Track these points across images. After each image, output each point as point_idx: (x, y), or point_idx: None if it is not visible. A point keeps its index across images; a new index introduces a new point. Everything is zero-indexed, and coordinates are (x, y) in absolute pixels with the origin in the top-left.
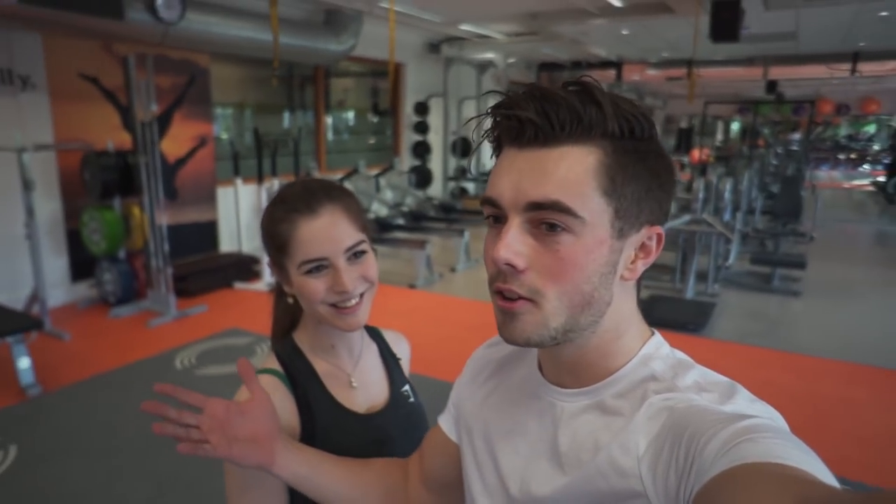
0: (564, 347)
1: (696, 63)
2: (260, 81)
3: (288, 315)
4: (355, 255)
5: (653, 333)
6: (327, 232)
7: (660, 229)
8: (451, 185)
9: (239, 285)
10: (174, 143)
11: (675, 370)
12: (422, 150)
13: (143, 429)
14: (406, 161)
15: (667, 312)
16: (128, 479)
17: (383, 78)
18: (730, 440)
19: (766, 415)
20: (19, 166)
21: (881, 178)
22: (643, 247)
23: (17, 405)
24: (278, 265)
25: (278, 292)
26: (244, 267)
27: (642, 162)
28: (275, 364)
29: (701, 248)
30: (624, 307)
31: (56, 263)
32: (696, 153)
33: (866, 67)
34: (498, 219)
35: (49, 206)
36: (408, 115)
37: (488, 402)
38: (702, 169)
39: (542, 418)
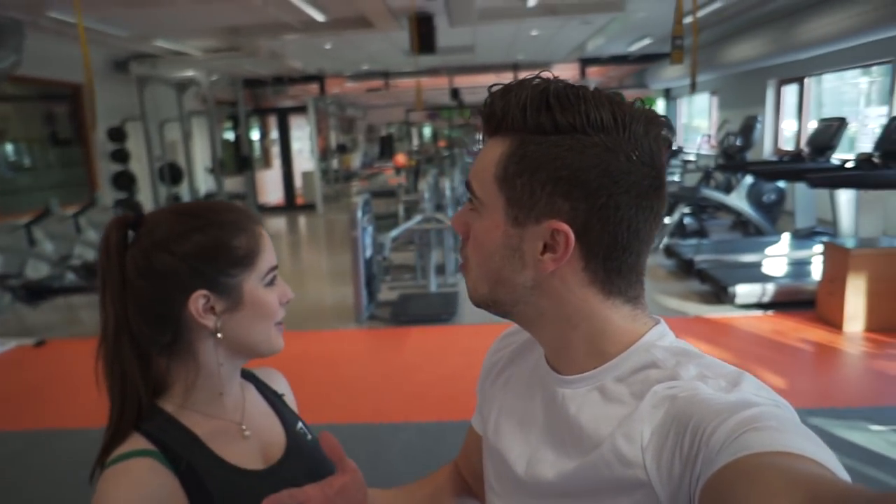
0: (533, 330)
1: (393, 74)
2: None
3: (150, 381)
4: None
5: (657, 323)
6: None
7: (565, 226)
8: None
9: None
10: None
11: (678, 358)
12: (125, 180)
13: None
14: (109, 195)
15: (418, 308)
16: None
17: (58, 101)
18: (735, 429)
19: (773, 402)
20: None
21: None
22: (551, 242)
23: None
24: (222, 290)
25: (132, 357)
26: None
27: (543, 156)
28: (143, 443)
29: (436, 244)
30: (570, 299)
31: None
32: (399, 157)
33: (523, 76)
34: None
35: None
36: (101, 142)
37: (501, 391)
38: (415, 171)
39: (546, 405)
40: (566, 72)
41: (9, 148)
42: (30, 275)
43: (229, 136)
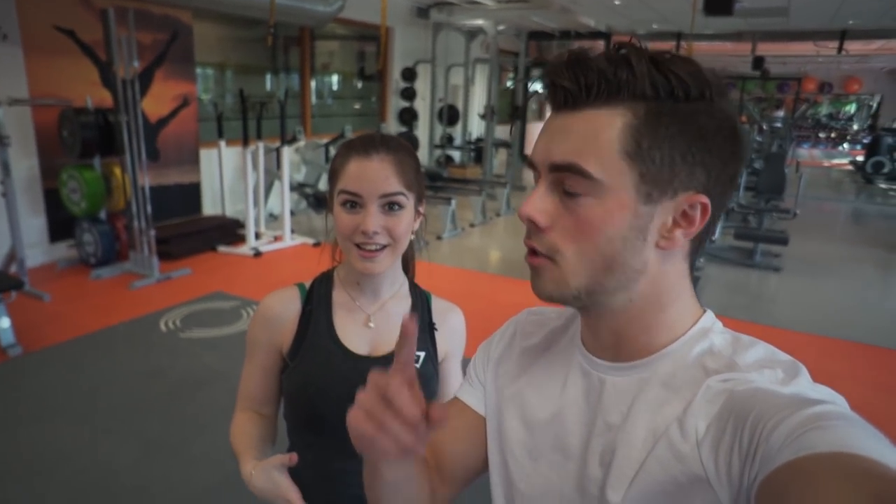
0: (604, 318)
1: (686, 36)
2: (242, 41)
3: (335, 253)
4: (390, 205)
5: (704, 311)
6: (370, 174)
7: (704, 198)
8: (437, 153)
9: (223, 249)
10: (156, 102)
11: (735, 346)
12: (408, 116)
13: (129, 391)
14: (392, 127)
15: None
16: (113, 442)
17: (369, 42)
18: (797, 428)
19: (831, 399)
20: None
21: (860, 158)
22: (685, 215)
23: None
24: (330, 194)
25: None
26: (228, 230)
27: (682, 124)
28: (307, 281)
29: None
30: (667, 278)
31: (33, 223)
32: None
33: (853, 46)
34: (537, 178)
35: (25, 164)
36: (395, 80)
37: (524, 377)
38: None
39: (588, 393)
40: None
41: (332, 79)
42: (321, 187)
43: (510, 85)
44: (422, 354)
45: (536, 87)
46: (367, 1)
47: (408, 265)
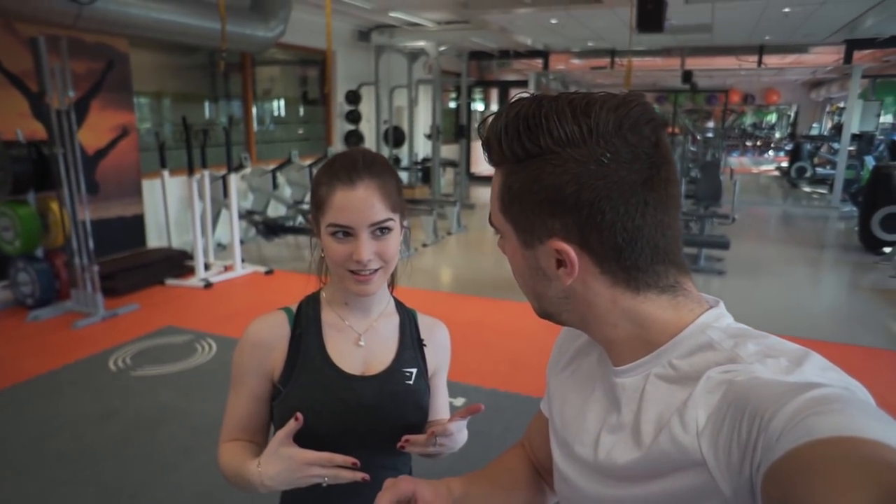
0: (586, 331)
1: (619, 53)
2: (181, 69)
3: (321, 269)
4: (380, 230)
5: (711, 306)
6: (358, 204)
7: (564, 245)
8: None
9: (171, 282)
10: (93, 133)
11: (736, 339)
12: (354, 139)
13: (79, 436)
14: (339, 150)
15: None
16: (66, 492)
17: (311, 66)
18: (797, 413)
19: (841, 383)
20: None
21: (784, 164)
22: (559, 261)
23: None
24: (315, 221)
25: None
26: (175, 262)
27: (528, 180)
28: (293, 306)
29: None
30: (600, 302)
31: None
32: None
33: (770, 60)
34: None
35: None
36: (339, 104)
37: (567, 382)
38: None
39: (606, 395)
40: (826, 56)
41: (274, 104)
42: (270, 213)
43: (453, 105)
44: (414, 371)
45: (478, 106)
46: (308, 25)
47: (392, 279)
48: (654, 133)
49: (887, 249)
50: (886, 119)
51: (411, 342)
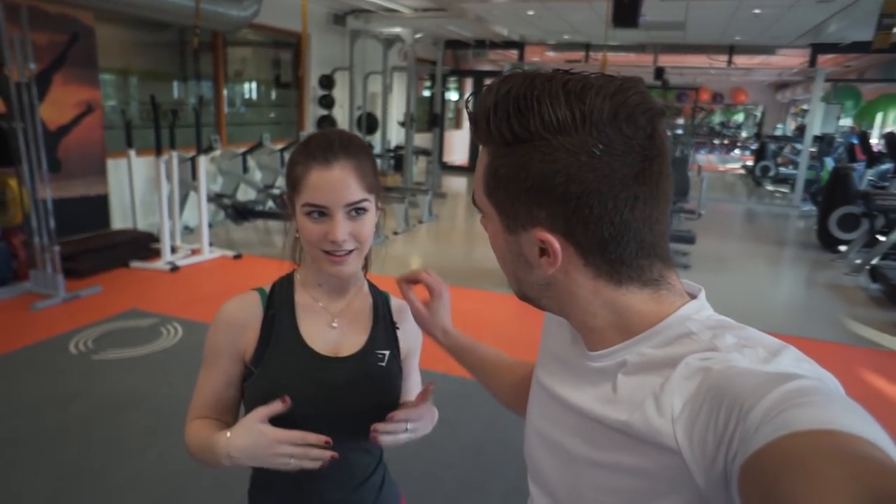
0: (562, 315)
1: (594, 47)
2: (150, 46)
3: (295, 250)
4: (356, 210)
5: (692, 298)
6: (334, 184)
7: (548, 235)
8: None
9: (136, 264)
10: (55, 108)
11: (714, 330)
12: (327, 124)
13: (37, 420)
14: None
15: None
16: (23, 474)
17: (285, 49)
18: (775, 405)
19: (815, 375)
20: None
21: (749, 163)
22: (542, 250)
23: None
24: (290, 200)
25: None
26: (141, 245)
27: (515, 166)
28: (267, 285)
29: None
30: (581, 291)
31: None
32: None
33: (739, 60)
34: None
35: None
36: (312, 88)
37: (546, 358)
38: None
39: (581, 378)
40: (792, 59)
41: (246, 87)
42: (240, 197)
43: (427, 93)
44: (387, 353)
45: (453, 95)
46: (283, 6)
47: (366, 262)
48: (651, 123)
49: (843, 248)
50: (846, 122)
51: (384, 325)
